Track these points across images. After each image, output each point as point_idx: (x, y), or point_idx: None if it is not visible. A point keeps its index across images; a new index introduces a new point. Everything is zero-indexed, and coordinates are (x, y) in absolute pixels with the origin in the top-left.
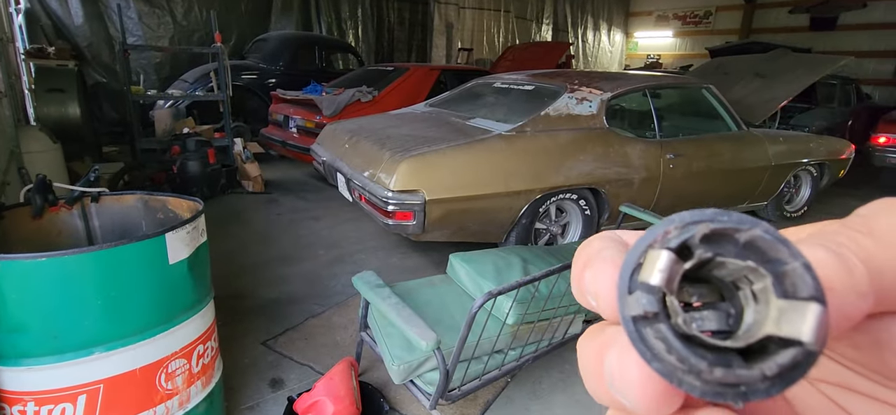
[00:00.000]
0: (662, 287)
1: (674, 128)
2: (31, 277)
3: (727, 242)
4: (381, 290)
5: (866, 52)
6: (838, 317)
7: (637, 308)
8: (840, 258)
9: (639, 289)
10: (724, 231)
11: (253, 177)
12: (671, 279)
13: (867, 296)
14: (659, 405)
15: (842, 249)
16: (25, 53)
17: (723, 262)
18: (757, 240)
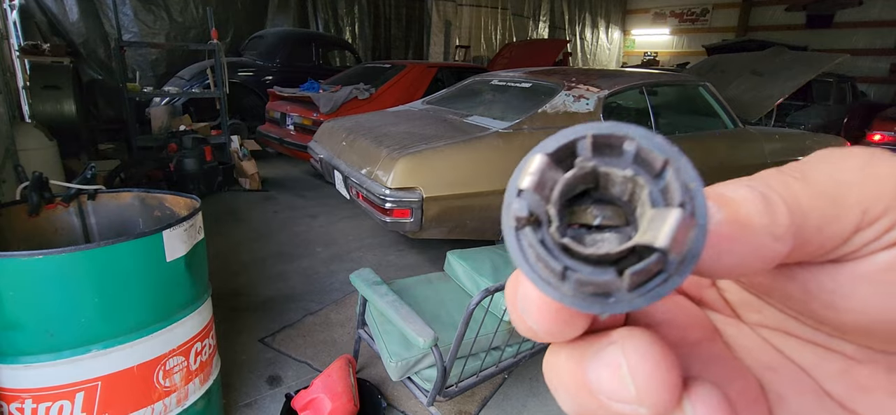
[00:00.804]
0: (532, 190)
1: (670, 125)
2: (27, 275)
3: (617, 154)
4: (379, 287)
5: (862, 50)
6: (754, 257)
7: (512, 215)
8: (763, 198)
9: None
10: (609, 140)
11: (250, 174)
12: (543, 184)
13: (785, 239)
14: (554, 322)
15: (768, 191)
16: (20, 50)
17: (607, 172)
18: (644, 150)
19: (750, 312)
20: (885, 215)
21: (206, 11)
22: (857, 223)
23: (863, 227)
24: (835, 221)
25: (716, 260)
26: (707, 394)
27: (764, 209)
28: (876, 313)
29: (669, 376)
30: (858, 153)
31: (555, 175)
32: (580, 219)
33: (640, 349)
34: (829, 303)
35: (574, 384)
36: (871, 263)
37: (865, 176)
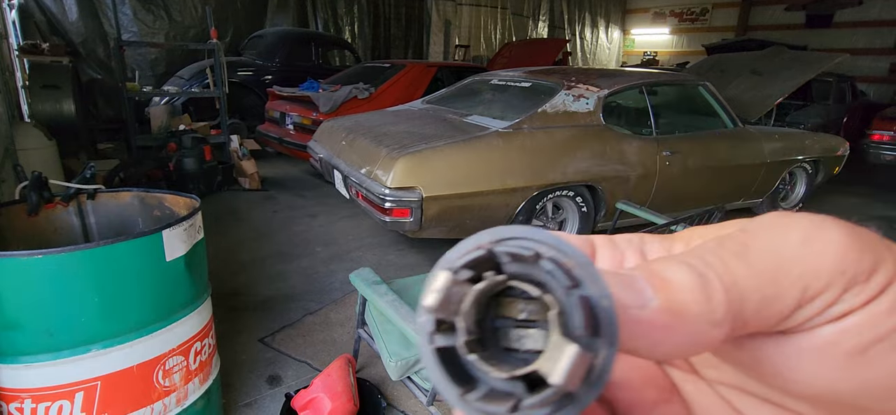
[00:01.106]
0: (434, 308)
1: (670, 125)
2: (26, 275)
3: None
4: (379, 286)
5: (862, 50)
6: (692, 343)
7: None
8: (701, 282)
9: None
10: (519, 254)
11: (249, 174)
12: (449, 299)
13: (722, 325)
14: None
15: (707, 272)
16: (19, 49)
17: (517, 287)
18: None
19: (707, 368)
20: (825, 291)
21: (205, 11)
22: (798, 301)
23: (803, 304)
24: (774, 301)
25: (652, 348)
26: None
27: (701, 296)
28: (823, 385)
29: None
30: (801, 224)
31: (462, 289)
32: (507, 312)
33: None
34: (776, 373)
35: None
36: (814, 337)
37: (806, 251)
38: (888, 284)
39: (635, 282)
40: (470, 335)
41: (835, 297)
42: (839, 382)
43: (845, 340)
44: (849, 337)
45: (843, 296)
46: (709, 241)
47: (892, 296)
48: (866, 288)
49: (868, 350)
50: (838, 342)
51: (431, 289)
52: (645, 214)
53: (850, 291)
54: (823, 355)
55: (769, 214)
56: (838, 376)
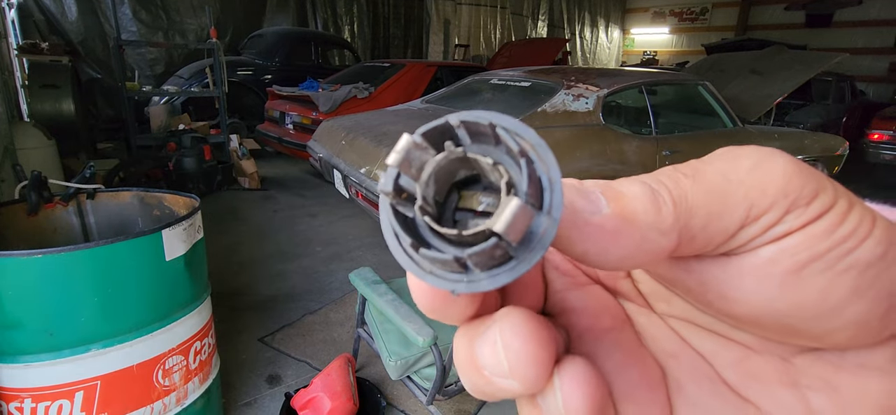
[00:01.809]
0: (397, 166)
1: (670, 124)
2: (26, 274)
3: (490, 141)
4: (378, 286)
5: (861, 49)
6: (641, 251)
7: (379, 188)
8: (652, 194)
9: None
10: (477, 127)
11: (249, 173)
12: (409, 162)
13: (669, 234)
14: (428, 297)
15: (659, 187)
16: (19, 49)
17: (474, 158)
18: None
19: (659, 302)
20: (769, 211)
21: (203, 10)
22: (743, 219)
23: (748, 223)
24: (720, 217)
25: (603, 252)
26: (576, 368)
27: (650, 206)
28: (762, 304)
29: (539, 352)
30: (751, 153)
31: (423, 156)
32: (468, 204)
33: (513, 326)
34: (721, 294)
35: (466, 362)
36: (755, 257)
37: (754, 174)
38: (826, 209)
39: (590, 193)
40: (427, 205)
41: (777, 217)
42: (776, 300)
43: (783, 259)
44: (786, 256)
45: (784, 217)
46: (665, 167)
47: (829, 220)
48: (806, 211)
49: (802, 270)
50: (777, 261)
51: (394, 149)
52: None
53: (791, 212)
54: (763, 275)
55: (723, 148)
56: (775, 294)
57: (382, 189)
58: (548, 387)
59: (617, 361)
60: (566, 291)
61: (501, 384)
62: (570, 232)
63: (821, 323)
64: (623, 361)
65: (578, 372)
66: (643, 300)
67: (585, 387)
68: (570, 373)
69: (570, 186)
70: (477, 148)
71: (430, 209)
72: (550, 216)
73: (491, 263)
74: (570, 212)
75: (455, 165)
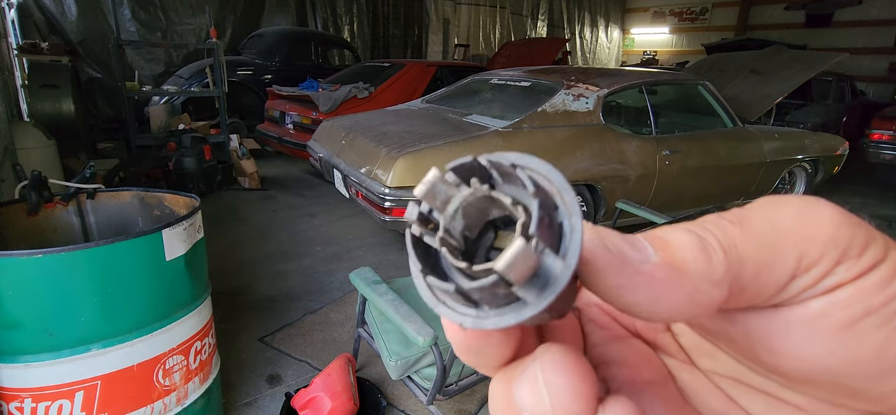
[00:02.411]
0: (419, 196)
1: (670, 124)
2: (26, 274)
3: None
4: (379, 286)
5: (861, 49)
6: (691, 302)
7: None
8: (701, 242)
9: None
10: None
11: (249, 173)
12: (435, 195)
13: (721, 284)
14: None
15: (707, 235)
16: (18, 49)
17: (498, 197)
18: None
19: (703, 357)
20: (820, 261)
21: (200, 11)
22: (794, 270)
23: (799, 273)
24: (772, 267)
25: (655, 303)
26: (620, 406)
27: (700, 254)
28: (812, 360)
29: (583, 387)
30: (796, 201)
31: (450, 191)
32: (500, 243)
33: (555, 362)
34: (769, 348)
35: (504, 406)
36: (804, 309)
37: (801, 222)
38: (878, 260)
39: (637, 240)
40: (450, 237)
41: (828, 268)
42: (827, 356)
43: (835, 313)
44: (838, 310)
45: (835, 268)
46: (709, 215)
47: (882, 273)
48: (858, 263)
49: (856, 324)
50: (828, 315)
51: (422, 181)
52: (645, 213)
53: (842, 263)
54: (813, 329)
55: (764, 197)
56: (827, 350)
57: (407, 218)
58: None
59: (658, 412)
60: (605, 344)
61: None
62: (619, 281)
63: (878, 383)
64: (665, 412)
65: (623, 409)
66: (685, 356)
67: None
68: (614, 410)
69: (617, 236)
70: (507, 187)
71: (453, 242)
72: (565, 262)
73: (497, 301)
74: (618, 260)
75: (486, 203)
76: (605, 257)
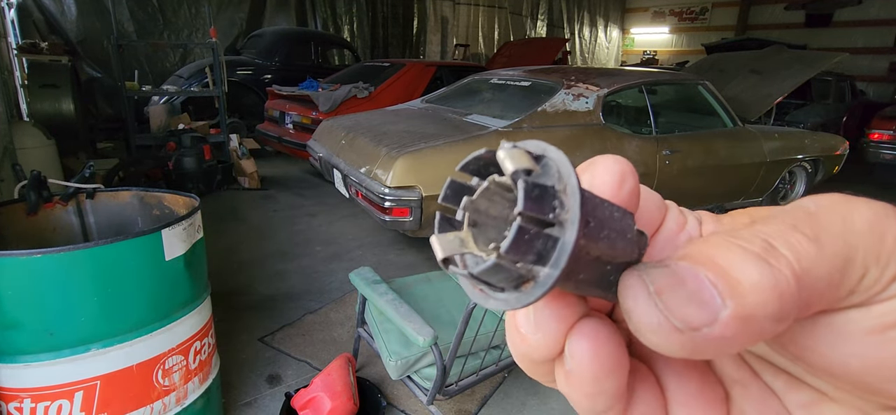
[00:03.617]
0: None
1: (670, 124)
2: (26, 274)
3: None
4: (378, 286)
5: (861, 49)
6: (747, 342)
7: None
8: (773, 280)
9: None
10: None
11: (249, 173)
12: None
13: (786, 321)
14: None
15: (779, 264)
16: (18, 48)
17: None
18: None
19: None
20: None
21: (198, 11)
22: (855, 285)
23: (858, 289)
24: (838, 287)
25: (716, 353)
26: (589, 324)
27: (772, 296)
28: (837, 359)
29: (562, 310)
30: (867, 208)
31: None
32: None
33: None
34: (795, 341)
35: (512, 329)
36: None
37: (871, 234)
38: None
39: (703, 290)
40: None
41: (887, 282)
42: (852, 358)
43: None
44: (871, 318)
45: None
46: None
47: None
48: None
49: (888, 331)
50: (858, 321)
51: (442, 186)
52: None
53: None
54: (843, 332)
55: (830, 195)
56: (851, 352)
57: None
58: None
59: (677, 368)
60: None
61: (532, 341)
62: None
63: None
64: (684, 370)
65: (590, 327)
66: None
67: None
68: (582, 327)
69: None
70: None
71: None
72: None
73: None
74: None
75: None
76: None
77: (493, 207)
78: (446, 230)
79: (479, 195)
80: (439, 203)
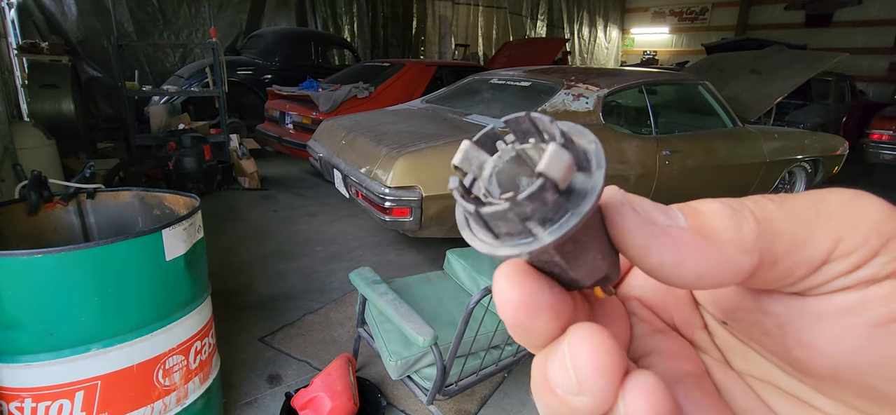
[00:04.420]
0: (456, 164)
1: (670, 124)
2: (26, 274)
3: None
4: (379, 286)
5: (861, 49)
6: (718, 267)
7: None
8: (733, 211)
9: None
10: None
11: (249, 173)
12: (469, 161)
13: (751, 253)
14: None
15: (740, 207)
16: (18, 48)
17: (523, 149)
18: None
19: (737, 358)
20: (858, 249)
21: (197, 11)
22: (828, 251)
23: (834, 258)
24: (805, 245)
25: (679, 265)
26: (644, 380)
27: (731, 222)
28: (841, 356)
29: (607, 362)
30: (844, 191)
31: (481, 156)
32: None
33: (581, 339)
34: (799, 340)
35: (541, 383)
36: (837, 302)
37: (846, 208)
38: None
39: (669, 208)
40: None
41: (866, 256)
42: (857, 353)
43: (868, 309)
44: (872, 306)
45: (874, 259)
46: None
47: None
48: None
49: (890, 324)
50: (861, 310)
51: (456, 151)
52: None
53: (882, 255)
54: (845, 323)
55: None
56: (857, 346)
57: (451, 186)
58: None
59: (695, 399)
60: (646, 335)
61: (573, 403)
62: (644, 242)
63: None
64: (701, 401)
65: (647, 384)
66: (720, 355)
67: (651, 398)
68: (636, 383)
69: (649, 203)
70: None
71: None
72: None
73: (545, 211)
74: (644, 221)
75: (515, 169)
76: (631, 217)
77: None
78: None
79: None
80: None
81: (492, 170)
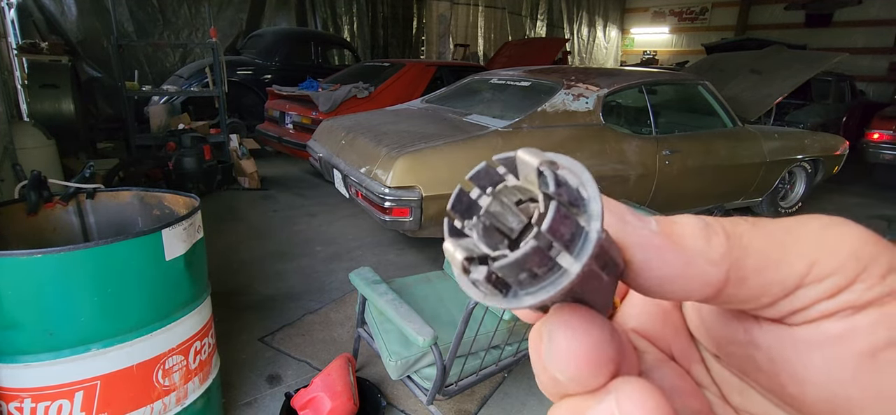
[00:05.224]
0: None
1: (670, 124)
2: (26, 274)
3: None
4: (378, 286)
5: (861, 49)
6: (684, 275)
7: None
8: (704, 225)
9: None
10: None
11: (249, 173)
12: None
13: (718, 265)
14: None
15: (713, 222)
16: (18, 49)
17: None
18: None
19: (734, 393)
20: (834, 274)
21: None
22: (802, 274)
23: (807, 282)
24: (778, 266)
25: (645, 264)
26: None
27: (700, 233)
28: (835, 387)
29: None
30: (822, 216)
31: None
32: None
33: (633, 396)
34: (792, 374)
35: None
36: (825, 331)
37: (822, 233)
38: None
39: (643, 215)
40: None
41: (845, 282)
42: (850, 384)
43: (857, 338)
44: (861, 336)
45: (853, 285)
46: None
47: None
48: (882, 284)
49: (880, 354)
50: (849, 340)
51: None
52: (645, 213)
53: (861, 281)
54: (835, 353)
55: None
56: (849, 377)
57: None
58: None
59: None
60: (653, 368)
61: None
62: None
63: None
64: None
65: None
66: (717, 389)
67: None
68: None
69: (625, 208)
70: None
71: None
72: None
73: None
74: (616, 219)
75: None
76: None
77: (504, 211)
78: (457, 236)
79: (492, 199)
80: (448, 210)
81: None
